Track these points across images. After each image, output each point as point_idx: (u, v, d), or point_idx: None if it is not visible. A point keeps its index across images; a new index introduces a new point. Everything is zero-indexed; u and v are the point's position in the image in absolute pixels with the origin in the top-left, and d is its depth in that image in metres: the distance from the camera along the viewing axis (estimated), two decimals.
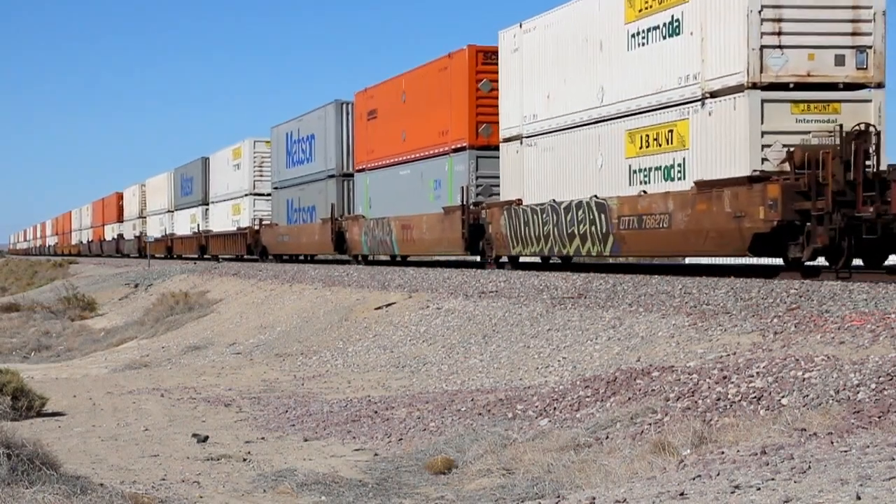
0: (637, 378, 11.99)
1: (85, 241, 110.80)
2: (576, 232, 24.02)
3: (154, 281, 45.54)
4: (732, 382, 10.65)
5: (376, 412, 14.07)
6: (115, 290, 46.54)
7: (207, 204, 62.29)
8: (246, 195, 53.46)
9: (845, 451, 7.56)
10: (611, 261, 29.00)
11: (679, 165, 21.00)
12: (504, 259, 28.66)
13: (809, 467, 7.11)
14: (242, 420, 14.72)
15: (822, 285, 16.13)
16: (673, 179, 21.16)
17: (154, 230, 78.46)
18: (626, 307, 16.84)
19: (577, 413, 11.60)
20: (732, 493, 6.64)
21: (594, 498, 7.34)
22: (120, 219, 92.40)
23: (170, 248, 73.22)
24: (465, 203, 29.15)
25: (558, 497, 8.21)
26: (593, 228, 23.34)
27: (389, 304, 23.43)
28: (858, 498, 5.98)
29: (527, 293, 20.54)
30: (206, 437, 13.12)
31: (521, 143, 26.92)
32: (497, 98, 28.43)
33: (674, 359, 13.17)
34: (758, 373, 10.71)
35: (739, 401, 10.17)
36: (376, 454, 11.88)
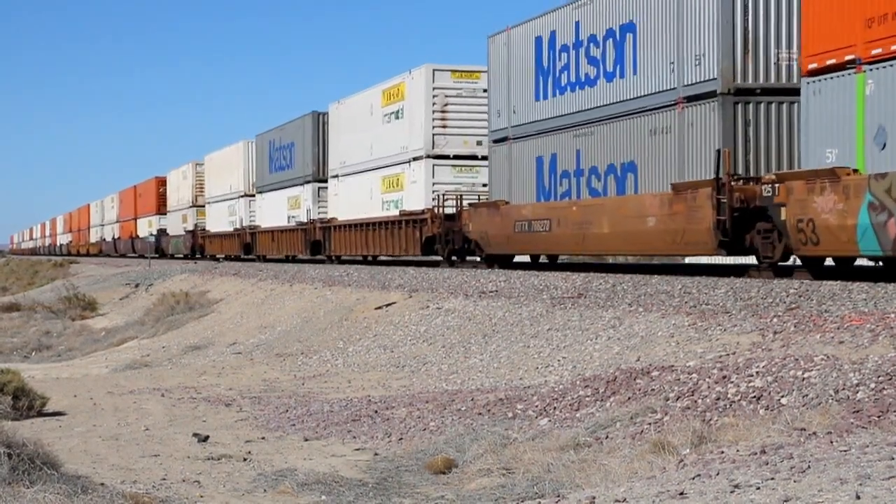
0: (637, 378, 12.00)
1: (109, 239, 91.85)
2: None
3: (154, 281, 45.59)
4: (732, 382, 10.66)
5: (376, 412, 14.08)
6: (115, 290, 46.59)
7: (324, 180, 42.56)
8: (414, 160, 33.39)
9: (845, 451, 7.57)
10: None
11: None
12: None
13: (809, 467, 7.12)
14: (243, 420, 14.74)
15: (822, 285, 16.14)
16: None
17: (219, 222, 58.24)
18: (625, 307, 16.85)
19: (576, 413, 11.61)
20: (732, 492, 6.65)
21: (594, 497, 7.35)
22: (161, 210, 73.41)
23: (248, 244, 52.89)
24: None
25: (558, 497, 8.22)
26: None
27: (389, 304, 23.44)
28: (858, 497, 5.99)
29: (527, 293, 20.55)
30: (207, 437, 13.13)
31: None
32: None
33: (673, 358, 13.18)
34: (757, 372, 10.72)
35: (739, 400, 10.18)
36: (376, 454, 11.89)
